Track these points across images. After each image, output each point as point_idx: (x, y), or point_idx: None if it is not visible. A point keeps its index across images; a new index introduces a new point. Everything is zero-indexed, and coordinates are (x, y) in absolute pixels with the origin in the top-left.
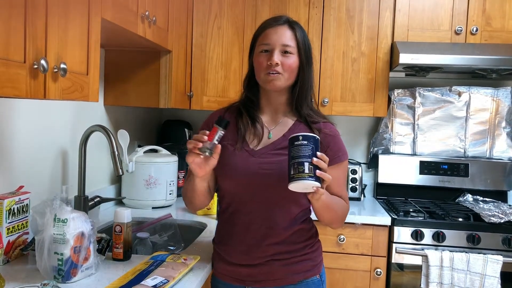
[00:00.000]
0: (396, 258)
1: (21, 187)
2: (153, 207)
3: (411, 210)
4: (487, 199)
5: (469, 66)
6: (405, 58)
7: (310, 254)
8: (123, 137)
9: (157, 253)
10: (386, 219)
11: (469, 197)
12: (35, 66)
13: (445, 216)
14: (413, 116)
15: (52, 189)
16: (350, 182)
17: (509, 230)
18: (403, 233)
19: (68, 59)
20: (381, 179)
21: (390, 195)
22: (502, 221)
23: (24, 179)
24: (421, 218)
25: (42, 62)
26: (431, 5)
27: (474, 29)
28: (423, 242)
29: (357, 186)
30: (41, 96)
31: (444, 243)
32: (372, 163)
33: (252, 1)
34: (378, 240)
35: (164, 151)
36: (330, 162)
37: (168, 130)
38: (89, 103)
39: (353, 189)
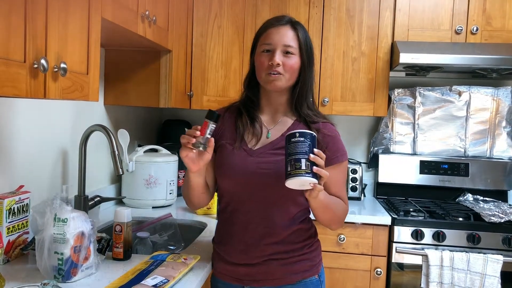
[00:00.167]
0: (396, 257)
1: (21, 186)
2: (153, 207)
3: (411, 209)
4: (487, 198)
5: (470, 66)
6: (405, 58)
7: (308, 254)
8: (123, 136)
9: (157, 253)
10: (386, 219)
11: (469, 196)
12: (35, 66)
13: (445, 216)
14: (413, 116)
15: (52, 189)
16: (350, 182)
17: (509, 230)
18: (403, 233)
19: (68, 59)
20: (381, 179)
21: (390, 195)
22: (502, 220)
23: (24, 178)
24: (421, 218)
25: (42, 61)
26: (432, 5)
27: (475, 28)
28: (423, 241)
29: (357, 186)
30: (41, 95)
31: (444, 243)
32: (372, 163)
33: (252, 0)
34: (378, 240)
35: (164, 150)
36: (329, 162)
37: (168, 130)
38: (89, 102)
39: (353, 189)
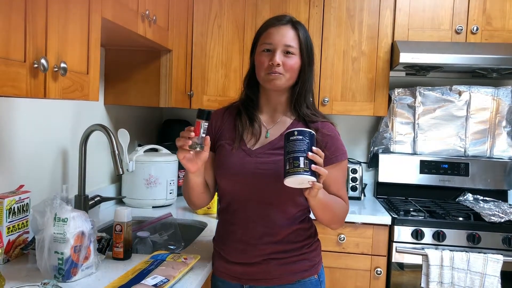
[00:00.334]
0: (396, 257)
1: (21, 186)
2: (153, 206)
3: (411, 209)
4: (487, 198)
5: (470, 66)
6: (405, 57)
7: (307, 254)
8: (124, 136)
9: (157, 252)
10: (386, 219)
11: (469, 196)
12: (35, 65)
13: (446, 216)
14: (413, 115)
15: (52, 188)
16: (350, 181)
17: (509, 230)
18: (403, 233)
19: (68, 58)
20: (381, 178)
21: (391, 195)
22: (502, 220)
23: (24, 178)
24: (421, 218)
25: (42, 61)
26: (432, 5)
27: (475, 28)
28: (423, 241)
29: (357, 186)
30: (41, 95)
31: (444, 243)
32: (373, 162)
33: (253, 0)
34: (378, 240)
35: (164, 150)
36: (328, 161)
37: (168, 130)
38: (89, 102)
39: (354, 188)
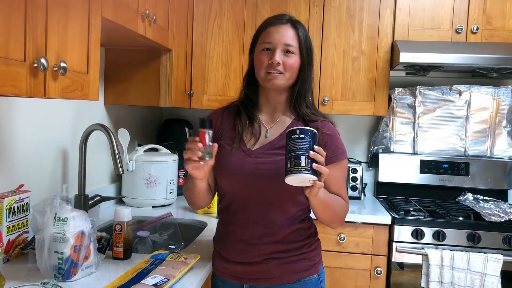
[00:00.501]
0: (396, 257)
1: (21, 185)
2: (153, 206)
3: (412, 209)
4: (487, 198)
5: (470, 65)
6: (405, 57)
7: (307, 253)
8: (124, 136)
9: (157, 252)
10: (386, 218)
11: (469, 196)
12: (35, 65)
13: (446, 215)
14: (413, 115)
15: (52, 188)
16: (350, 181)
17: (510, 229)
18: (403, 232)
19: (68, 58)
20: (381, 178)
21: (391, 194)
22: (502, 220)
23: (24, 177)
24: (422, 217)
25: (42, 60)
26: (432, 4)
27: (475, 28)
28: (423, 241)
29: (357, 185)
30: (41, 95)
31: (444, 242)
32: (373, 162)
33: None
34: (378, 239)
35: (164, 150)
36: (328, 161)
37: (168, 129)
38: (89, 102)
39: (354, 188)
